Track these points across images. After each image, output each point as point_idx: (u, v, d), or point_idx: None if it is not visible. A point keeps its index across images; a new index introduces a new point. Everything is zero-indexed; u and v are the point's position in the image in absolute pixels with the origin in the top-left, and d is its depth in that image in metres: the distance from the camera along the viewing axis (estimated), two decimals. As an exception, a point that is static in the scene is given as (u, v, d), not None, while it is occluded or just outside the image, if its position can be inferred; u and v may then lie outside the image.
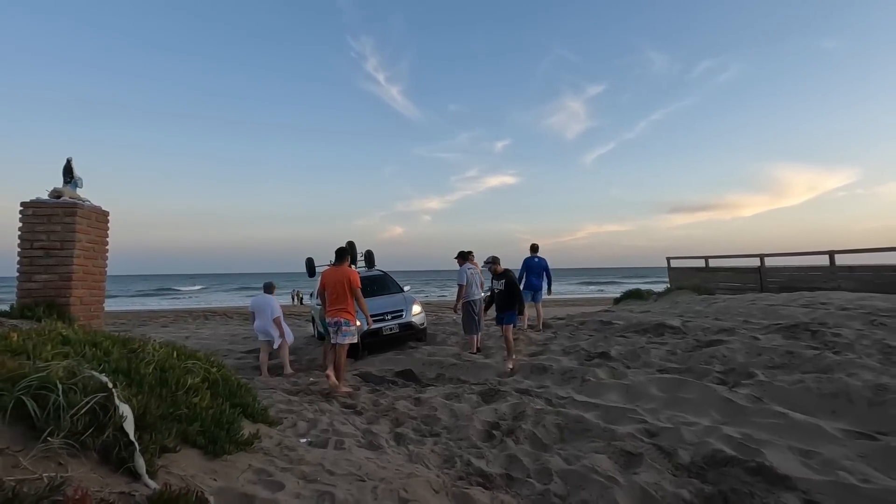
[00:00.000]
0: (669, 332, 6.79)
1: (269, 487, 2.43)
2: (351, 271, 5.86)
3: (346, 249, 5.97)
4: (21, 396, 1.89)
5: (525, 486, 2.89)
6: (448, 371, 6.23)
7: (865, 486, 2.55)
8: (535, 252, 8.82)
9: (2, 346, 2.38)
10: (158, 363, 2.88)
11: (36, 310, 4.37)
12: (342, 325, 5.63)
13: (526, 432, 3.70)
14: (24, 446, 1.81)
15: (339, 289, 5.68)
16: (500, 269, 6.54)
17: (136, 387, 2.51)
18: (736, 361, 5.04)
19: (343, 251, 5.92)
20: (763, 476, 2.75)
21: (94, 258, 5.12)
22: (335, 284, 5.70)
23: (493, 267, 6.58)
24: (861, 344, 4.95)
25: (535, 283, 8.73)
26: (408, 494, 2.49)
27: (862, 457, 2.93)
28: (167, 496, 1.84)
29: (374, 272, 10.42)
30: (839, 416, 3.59)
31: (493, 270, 6.61)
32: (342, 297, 5.67)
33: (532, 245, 8.88)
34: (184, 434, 2.51)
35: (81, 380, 2.12)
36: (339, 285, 5.68)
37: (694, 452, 3.12)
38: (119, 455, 2.02)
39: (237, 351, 9.67)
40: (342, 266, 5.85)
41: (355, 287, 5.72)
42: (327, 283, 5.78)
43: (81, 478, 1.79)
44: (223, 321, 18.12)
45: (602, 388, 4.75)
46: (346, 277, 5.70)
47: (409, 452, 3.42)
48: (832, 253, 9.72)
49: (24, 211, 4.81)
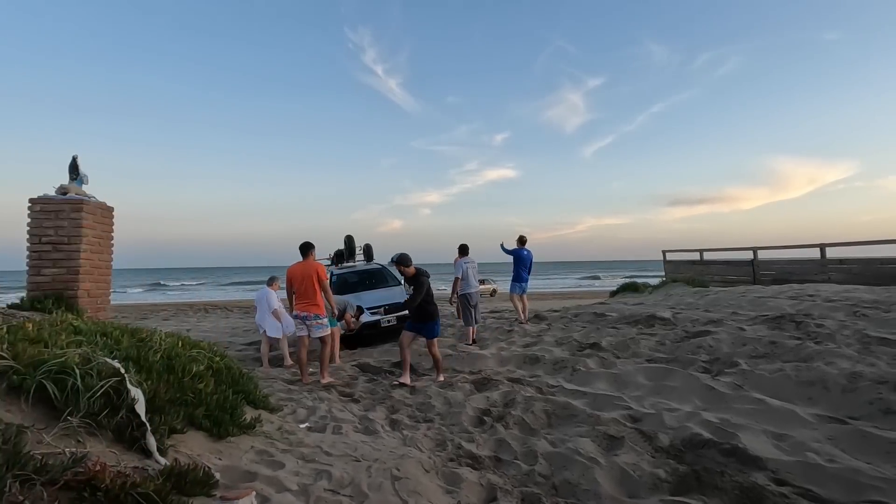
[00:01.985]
0: (660, 324, 6.96)
1: (270, 466, 2.61)
2: (318, 265, 5.87)
3: (311, 244, 5.96)
4: (42, 380, 2.06)
5: (512, 466, 3.07)
6: (444, 362, 6.39)
7: (830, 466, 2.71)
8: (523, 244, 8.66)
9: (20, 335, 2.54)
10: (165, 351, 3.05)
11: (45, 302, 4.55)
12: (312, 318, 5.69)
13: (515, 418, 3.87)
14: (46, 425, 1.98)
15: (306, 283, 5.70)
16: (412, 272, 5.48)
17: (146, 373, 2.68)
18: (721, 351, 5.21)
19: (308, 245, 5.93)
20: (736, 457, 2.92)
21: (100, 252, 5.28)
22: (302, 279, 5.71)
23: (401, 269, 5.58)
24: (842, 334, 5.11)
25: (524, 276, 8.63)
26: (400, 473, 2.66)
27: (831, 439, 3.10)
28: (177, 470, 2.01)
29: (373, 266, 10.58)
30: (815, 403, 3.77)
31: (403, 273, 5.64)
32: (310, 290, 5.70)
33: (521, 237, 8.69)
34: (190, 417, 2.68)
35: (96, 365, 2.28)
36: (307, 279, 5.70)
37: (673, 436, 3.29)
38: (132, 434, 2.20)
39: (238, 343, 9.85)
40: (308, 260, 5.87)
41: (323, 280, 5.77)
42: (294, 277, 5.77)
43: (99, 453, 1.96)
44: (224, 314, 18.28)
45: (591, 377, 4.92)
46: (313, 271, 5.73)
47: (403, 437, 3.59)
48: (823, 246, 9.88)
49: (33, 207, 4.96)
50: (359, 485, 2.48)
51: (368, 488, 2.45)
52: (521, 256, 8.57)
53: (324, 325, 5.79)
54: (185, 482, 1.96)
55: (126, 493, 1.72)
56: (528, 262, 8.67)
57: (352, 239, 10.91)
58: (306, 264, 5.81)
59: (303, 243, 5.95)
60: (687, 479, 2.74)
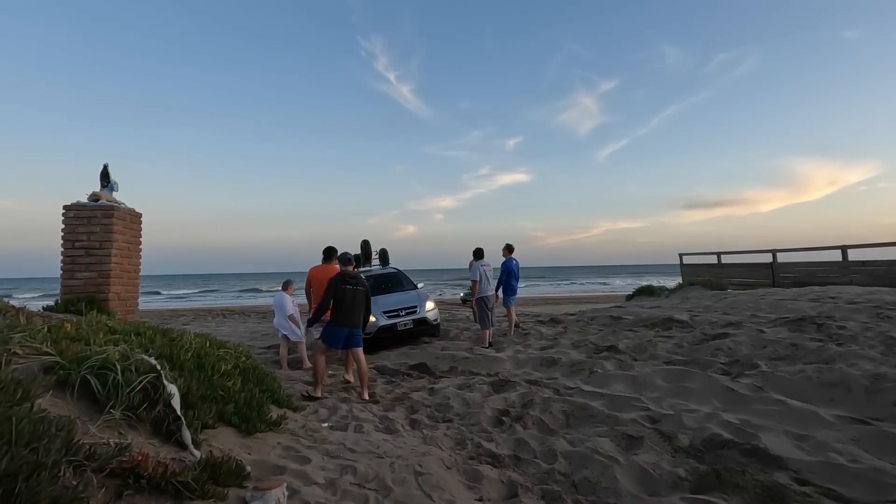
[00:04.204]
0: (677, 326, 6.92)
1: (297, 461, 2.70)
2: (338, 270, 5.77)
3: (334, 249, 5.96)
4: (86, 375, 2.18)
5: (531, 465, 3.11)
6: (461, 364, 6.45)
7: (853, 466, 2.71)
8: (511, 253, 8.50)
9: (61, 334, 2.67)
10: (195, 351, 3.17)
11: (78, 304, 4.73)
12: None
13: (534, 418, 3.91)
14: (90, 417, 2.10)
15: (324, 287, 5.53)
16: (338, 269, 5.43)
17: (178, 370, 2.79)
18: (740, 353, 5.18)
19: (331, 250, 5.94)
20: (757, 457, 2.92)
21: (129, 256, 5.48)
22: (321, 284, 5.62)
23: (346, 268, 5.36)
24: (865, 336, 5.04)
25: (514, 286, 8.51)
26: (422, 469, 2.73)
27: (854, 440, 3.08)
28: (212, 462, 2.11)
29: (389, 270, 10.69)
30: (837, 404, 3.73)
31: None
32: None
33: (508, 246, 8.51)
34: (220, 413, 2.79)
35: (134, 362, 2.40)
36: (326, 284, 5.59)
37: (693, 436, 3.30)
38: (168, 428, 2.31)
39: (257, 347, 10.01)
40: (330, 265, 5.88)
41: None
42: (314, 280, 5.78)
43: (139, 444, 2.07)
44: (242, 319, 18.57)
45: (609, 378, 4.93)
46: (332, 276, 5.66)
47: (423, 436, 3.65)
48: (845, 248, 9.70)
49: (66, 213, 5.18)
50: (383, 479, 2.55)
51: (393, 482, 2.52)
52: (511, 268, 8.42)
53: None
54: (219, 473, 2.06)
55: (167, 482, 1.82)
56: (517, 272, 8.54)
57: (367, 244, 11.04)
58: (327, 269, 5.88)
59: (326, 248, 6.03)
60: (707, 477, 2.75)
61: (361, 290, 5.18)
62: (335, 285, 5.04)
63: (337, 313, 5.04)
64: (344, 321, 5.04)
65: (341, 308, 5.04)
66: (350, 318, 5.06)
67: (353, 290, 5.09)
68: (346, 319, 5.04)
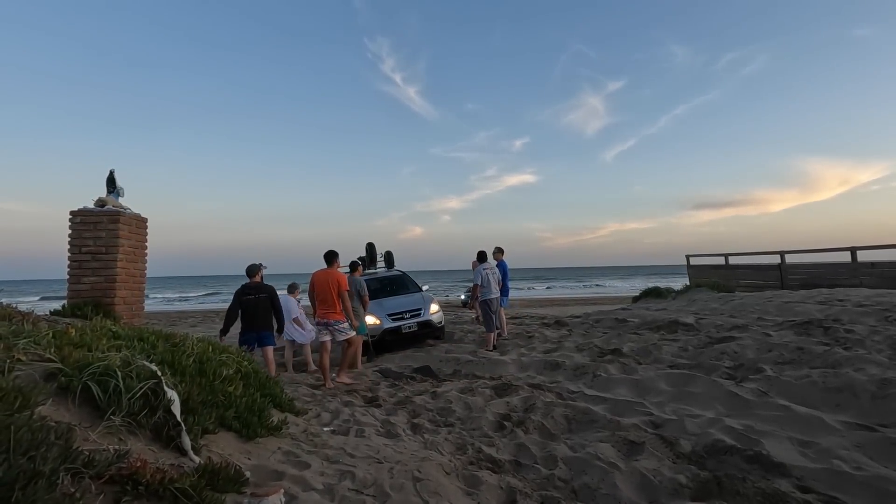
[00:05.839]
0: (682, 329, 6.87)
1: (297, 466, 2.71)
2: (339, 274, 6.01)
3: (335, 253, 6.12)
4: (87, 381, 2.21)
5: (532, 471, 3.10)
6: (464, 367, 6.44)
7: (858, 473, 2.67)
8: (503, 255, 8.64)
9: (65, 339, 2.71)
10: (197, 356, 3.19)
11: (84, 308, 4.79)
12: (332, 325, 5.86)
13: (535, 423, 3.90)
14: (91, 423, 2.12)
15: (326, 291, 5.85)
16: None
17: (179, 376, 2.81)
18: (745, 357, 5.13)
19: (332, 254, 6.09)
20: (760, 464, 2.90)
21: (135, 261, 5.54)
22: (323, 287, 5.87)
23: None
24: (872, 340, 4.98)
25: (507, 287, 8.61)
26: (421, 475, 2.73)
27: (859, 447, 3.04)
28: (211, 468, 2.12)
29: (394, 272, 10.71)
30: (843, 410, 3.69)
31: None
32: (329, 300, 5.85)
33: (499, 248, 8.67)
34: (221, 418, 2.81)
35: (135, 368, 2.42)
36: (328, 289, 5.85)
37: (695, 442, 3.28)
38: (168, 433, 2.33)
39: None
40: (331, 269, 6.03)
41: (342, 290, 5.90)
42: (316, 283, 5.95)
43: (139, 451, 2.09)
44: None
45: (612, 382, 4.90)
46: (334, 280, 5.86)
47: (424, 440, 3.66)
48: (854, 249, 9.58)
49: (73, 219, 5.25)
50: (381, 485, 2.55)
51: (391, 489, 2.53)
52: (505, 270, 8.51)
53: (346, 329, 5.94)
54: (218, 479, 2.07)
55: (165, 488, 1.84)
56: (506, 275, 8.60)
57: (373, 246, 11.07)
58: (328, 273, 5.97)
59: (327, 252, 6.13)
60: (708, 484, 2.73)
61: (263, 297, 5.87)
62: (237, 296, 5.80)
63: (243, 320, 5.78)
64: (248, 327, 5.77)
65: (245, 316, 5.78)
66: (253, 323, 5.78)
67: (255, 299, 5.81)
68: (249, 325, 5.77)
